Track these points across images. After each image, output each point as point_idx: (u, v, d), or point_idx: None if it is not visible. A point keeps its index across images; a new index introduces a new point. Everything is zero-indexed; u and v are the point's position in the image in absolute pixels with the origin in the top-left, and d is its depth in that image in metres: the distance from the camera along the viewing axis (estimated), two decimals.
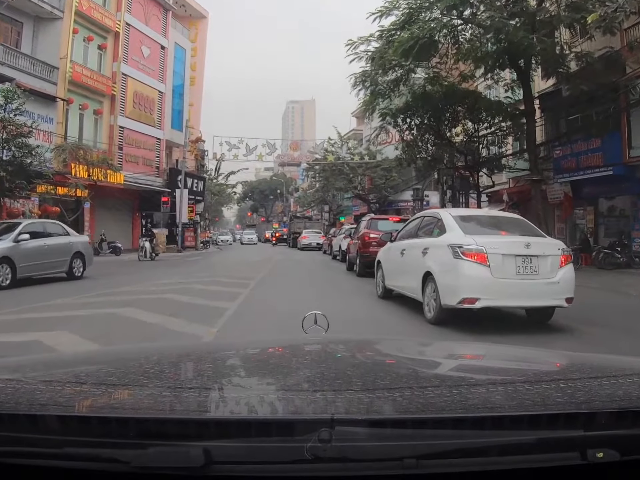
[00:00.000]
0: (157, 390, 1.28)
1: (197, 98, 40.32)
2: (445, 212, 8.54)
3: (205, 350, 2.12)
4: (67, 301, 9.82)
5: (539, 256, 6.90)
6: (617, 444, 1.01)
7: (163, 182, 33.74)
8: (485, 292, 6.77)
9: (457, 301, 6.87)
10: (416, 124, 23.97)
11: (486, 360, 1.94)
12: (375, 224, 16.57)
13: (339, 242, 24.20)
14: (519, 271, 6.82)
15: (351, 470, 0.97)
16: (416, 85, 22.77)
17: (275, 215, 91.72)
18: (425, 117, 23.39)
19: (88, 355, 2.25)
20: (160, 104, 33.39)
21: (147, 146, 31.93)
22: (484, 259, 6.78)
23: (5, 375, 1.42)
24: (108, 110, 29.32)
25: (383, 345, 2.22)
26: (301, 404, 1.21)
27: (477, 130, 24.57)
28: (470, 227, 7.54)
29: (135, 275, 15.96)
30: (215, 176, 50.51)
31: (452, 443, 0.99)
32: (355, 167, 40.33)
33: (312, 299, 9.17)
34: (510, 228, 7.78)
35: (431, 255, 7.58)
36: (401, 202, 42.49)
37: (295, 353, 1.90)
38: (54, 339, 6.13)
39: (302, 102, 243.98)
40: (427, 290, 7.52)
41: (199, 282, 12.95)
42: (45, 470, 1.01)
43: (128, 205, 32.39)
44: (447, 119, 23.96)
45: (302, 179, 77.77)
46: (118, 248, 27.56)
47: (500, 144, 25.35)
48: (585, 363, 1.75)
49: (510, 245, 7.03)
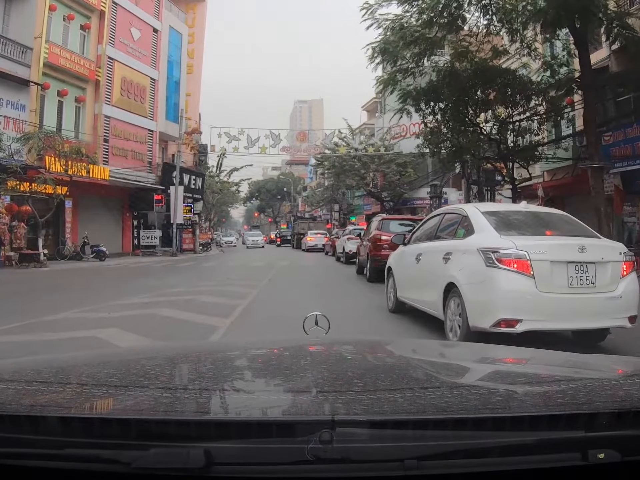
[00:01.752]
0: (158, 391, 1.30)
1: (196, 88, 37.03)
2: (472, 207, 7.21)
3: (205, 351, 2.09)
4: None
5: (596, 263, 5.65)
6: (618, 445, 1.01)
7: (156, 179, 30.54)
8: (529, 312, 5.50)
9: (491, 323, 5.53)
10: (440, 108, 20.80)
11: (486, 361, 1.90)
12: (387, 224, 15.45)
13: (342, 243, 23.29)
14: (572, 283, 5.57)
15: (352, 471, 0.97)
16: (442, 62, 19.73)
17: (283, 215, 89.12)
18: (452, 100, 20.24)
19: (89, 357, 2.14)
20: (152, 93, 30.20)
21: (137, 138, 28.76)
22: (526, 267, 5.53)
23: (7, 376, 1.42)
24: (92, 98, 26.19)
25: (384, 346, 2.23)
26: (302, 404, 1.23)
27: (511, 115, 21.23)
28: (506, 225, 6.23)
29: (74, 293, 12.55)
30: (216, 173, 47.29)
31: (453, 444, 0.99)
32: (367, 162, 37.06)
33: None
34: (555, 227, 6.43)
35: (455, 261, 6.27)
36: (417, 200, 39.69)
37: (297, 354, 1.88)
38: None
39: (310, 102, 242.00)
40: (450, 306, 6.21)
41: (168, 302, 9.66)
42: (46, 471, 1.01)
43: (117, 204, 29.25)
44: (476, 103, 20.79)
45: (311, 178, 75.77)
46: (102, 252, 24.44)
47: (537, 131, 21.98)
48: (586, 363, 1.75)
49: (561, 249, 5.76)
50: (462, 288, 5.94)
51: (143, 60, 29.44)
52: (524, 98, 19.98)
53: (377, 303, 9.44)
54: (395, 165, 37.35)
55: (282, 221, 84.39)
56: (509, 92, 20.09)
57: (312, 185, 71.39)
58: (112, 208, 28.80)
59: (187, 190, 32.61)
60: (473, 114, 21.04)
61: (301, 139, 30.34)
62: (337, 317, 3.73)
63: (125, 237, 29.93)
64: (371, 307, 9.33)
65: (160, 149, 33.46)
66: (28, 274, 17.89)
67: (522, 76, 20.05)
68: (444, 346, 2.78)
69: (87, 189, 25.44)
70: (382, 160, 37.37)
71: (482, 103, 20.73)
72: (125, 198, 29.42)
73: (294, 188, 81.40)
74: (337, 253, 24.81)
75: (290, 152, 31.13)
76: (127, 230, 30.00)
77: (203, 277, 15.88)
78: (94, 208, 26.95)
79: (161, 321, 7.86)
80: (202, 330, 7.11)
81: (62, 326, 7.31)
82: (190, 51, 35.97)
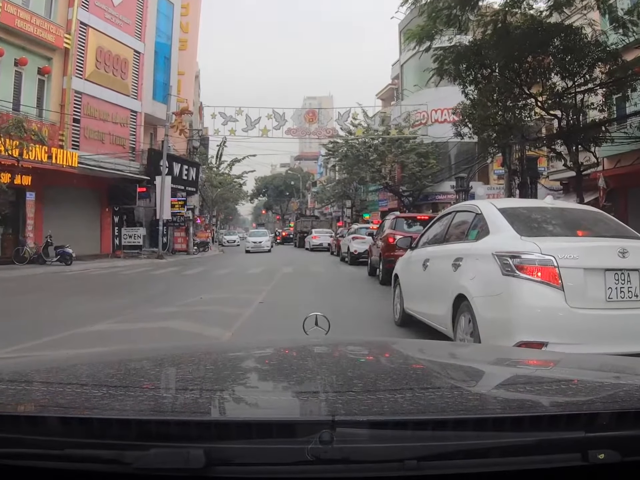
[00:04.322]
0: (158, 392, 1.32)
1: (190, 66, 32.61)
2: (487, 202, 6.14)
3: (206, 352, 2.03)
4: None
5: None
6: (619, 445, 1.01)
7: (141, 168, 26.22)
8: (557, 333, 4.41)
9: (510, 345, 4.29)
10: (484, 75, 16.48)
11: (487, 362, 1.88)
12: (402, 223, 14.73)
13: (347, 243, 22.44)
14: (611, 295, 4.50)
15: (352, 472, 0.98)
16: (488, 16, 15.43)
17: (291, 213, 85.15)
18: (500, 65, 15.95)
19: (89, 357, 2.19)
20: (136, 68, 25.85)
21: (117, 120, 24.46)
22: (554, 276, 4.47)
23: (7, 376, 1.42)
24: (59, 70, 21.88)
25: (384, 346, 2.20)
26: (302, 405, 1.23)
27: (574, 86, 16.76)
28: (528, 225, 5.23)
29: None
30: (216, 164, 42.85)
31: (453, 444, 0.99)
32: (385, 151, 32.64)
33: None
34: (589, 226, 5.43)
35: (466, 269, 5.29)
36: (439, 195, 35.50)
37: (297, 354, 1.87)
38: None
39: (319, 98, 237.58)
40: (461, 322, 5.19)
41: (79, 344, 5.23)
42: (46, 471, 1.01)
43: (94, 197, 24.97)
44: (526, 71, 16.48)
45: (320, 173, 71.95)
46: (67, 255, 20.16)
47: (602, 106, 17.42)
48: (586, 364, 1.78)
49: (597, 252, 4.67)
50: (474, 301, 4.97)
51: (125, 30, 25.13)
52: (587, 65, 15.65)
53: (386, 313, 8.31)
54: (416, 155, 33.02)
55: (291, 219, 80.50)
56: (568, 58, 15.77)
57: (322, 180, 67.60)
58: (88, 202, 24.52)
59: (179, 182, 28.29)
60: (525, 84, 16.71)
61: (310, 120, 25.72)
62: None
63: (104, 237, 25.65)
64: (380, 317, 8.33)
65: (149, 134, 29.15)
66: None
67: (585, 37, 15.65)
68: (444, 347, 2.68)
69: (55, 179, 21.22)
70: (400, 150, 33.04)
71: (533, 72, 16.51)
72: (104, 190, 25.12)
73: (302, 184, 77.68)
74: (342, 253, 23.99)
75: (297, 134, 26.50)
76: (107, 228, 25.72)
77: (171, 294, 11.38)
78: (64, 202, 22.67)
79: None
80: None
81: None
82: (184, 25, 31.59)
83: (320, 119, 26.03)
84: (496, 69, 16.30)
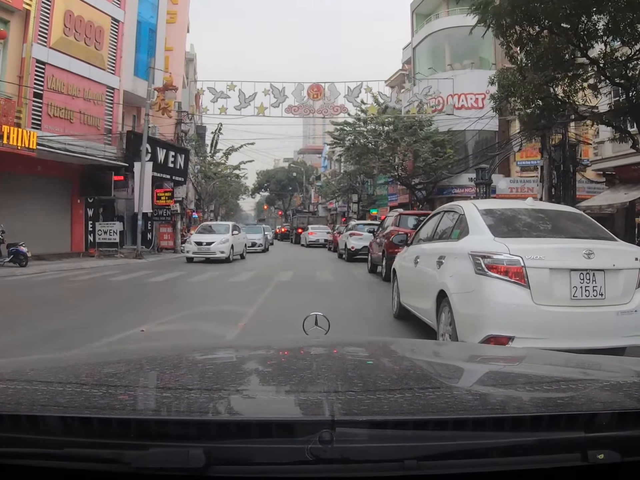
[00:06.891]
0: (158, 391, 1.32)
1: (179, 41, 29.08)
2: (470, 204, 6.33)
3: (205, 351, 2.04)
4: None
5: (605, 270, 4.86)
6: (618, 445, 1.00)
7: (119, 153, 22.82)
8: (523, 328, 4.75)
9: (479, 339, 4.79)
10: (531, 35, 13.16)
11: (487, 362, 1.88)
12: (405, 220, 14.69)
13: (344, 239, 22.14)
14: (576, 294, 4.82)
15: (352, 471, 0.97)
16: None
17: (294, 208, 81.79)
18: (554, 22, 12.63)
19: (89, 356, 2.15)
20: (114, 38, 22.40)
21: (90, 96, 21.03)
22: (520, 275, 4.79)
23: (6, 376, 1.41)
24: (18, 35, 18.48)
25: (384, 346, 2.18)
26: (302, 404, 1.22)
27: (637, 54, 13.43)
28: (504, 226, 5.57)
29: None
30: (211, 153, 39.37)
31: (453, 444, 0.99)
32: (397, 138, 29.17)
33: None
34: (564, 227, 5.76)
35: (447, 267, 5.64)
36: (456, 189, 31.96)
37: (296, 354, 1.86)
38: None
39: None
40: (442, 316, 5.57)
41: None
42: (46, 470, 1.00)
43: (62, 187, 21.57)
44: (579, 34, 13.17)
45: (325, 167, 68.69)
46: (21, 254, 16.85)
47: None
48: (585, 364, 1.74)
49: (563, 253, 5.00)
50: (452, 297, 5.39)
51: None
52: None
53: (387, 305, 8.51)
54: (432, 144, 29.58)
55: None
56: (630, 19, 12.43)
57: (326, 174, 64.22)
58: (55, 192, 21.13)
59: (164, 170, 24.91)
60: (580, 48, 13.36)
61: (315, 96, 22.15)
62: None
63: (75, 232, 22.27)
64: (380, 309, 8.63)
65: (131, 116, 25.78)
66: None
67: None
68: (445, 347, 2.70)
69: (13, 165, 17.91)
70: (414, 139, 29.62)
71: (585, 35, 13.19)
72: (75, 179, 21.76)
73: (306, 178, 74.29)
74: (339, 249, 23.60)
75: (299, 112, 22.89)
76: (78, 222, 22.33)
77: (101, 321, 7.72)
78: (25, 192, 19.36)
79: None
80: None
81: None
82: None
83: (326, 95, 22.48)
84: (546, 28, 13.00)
